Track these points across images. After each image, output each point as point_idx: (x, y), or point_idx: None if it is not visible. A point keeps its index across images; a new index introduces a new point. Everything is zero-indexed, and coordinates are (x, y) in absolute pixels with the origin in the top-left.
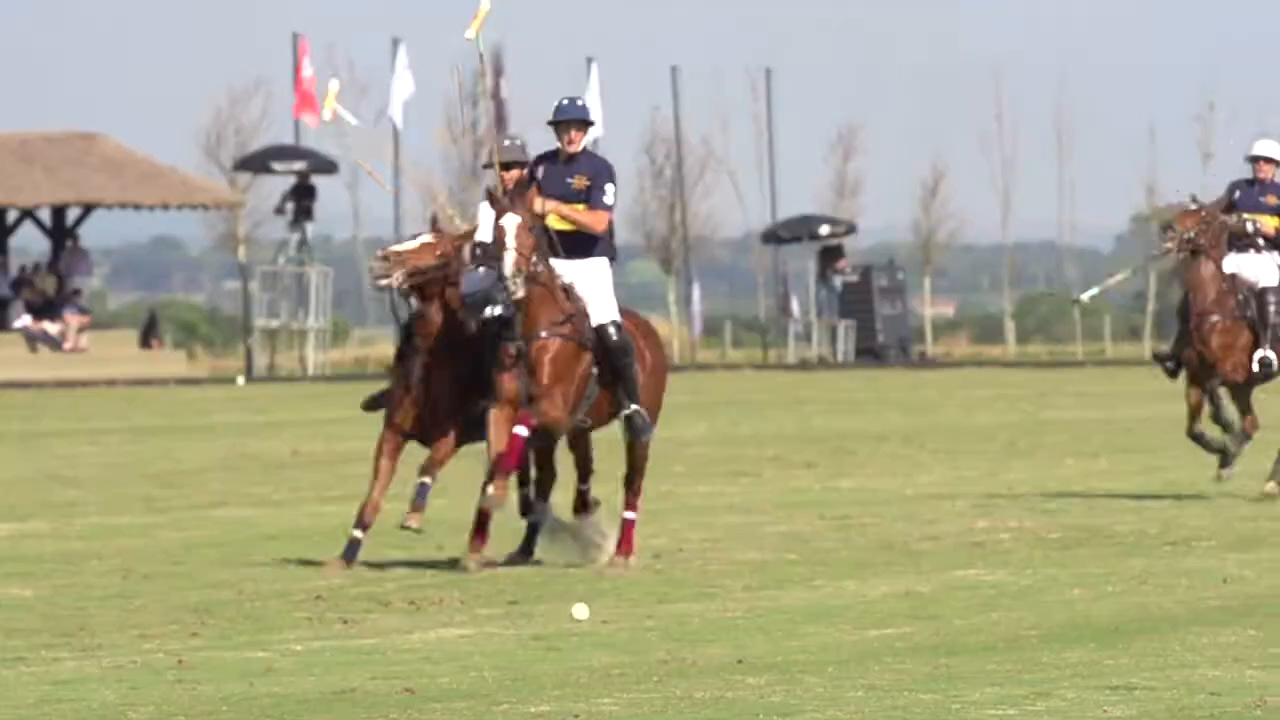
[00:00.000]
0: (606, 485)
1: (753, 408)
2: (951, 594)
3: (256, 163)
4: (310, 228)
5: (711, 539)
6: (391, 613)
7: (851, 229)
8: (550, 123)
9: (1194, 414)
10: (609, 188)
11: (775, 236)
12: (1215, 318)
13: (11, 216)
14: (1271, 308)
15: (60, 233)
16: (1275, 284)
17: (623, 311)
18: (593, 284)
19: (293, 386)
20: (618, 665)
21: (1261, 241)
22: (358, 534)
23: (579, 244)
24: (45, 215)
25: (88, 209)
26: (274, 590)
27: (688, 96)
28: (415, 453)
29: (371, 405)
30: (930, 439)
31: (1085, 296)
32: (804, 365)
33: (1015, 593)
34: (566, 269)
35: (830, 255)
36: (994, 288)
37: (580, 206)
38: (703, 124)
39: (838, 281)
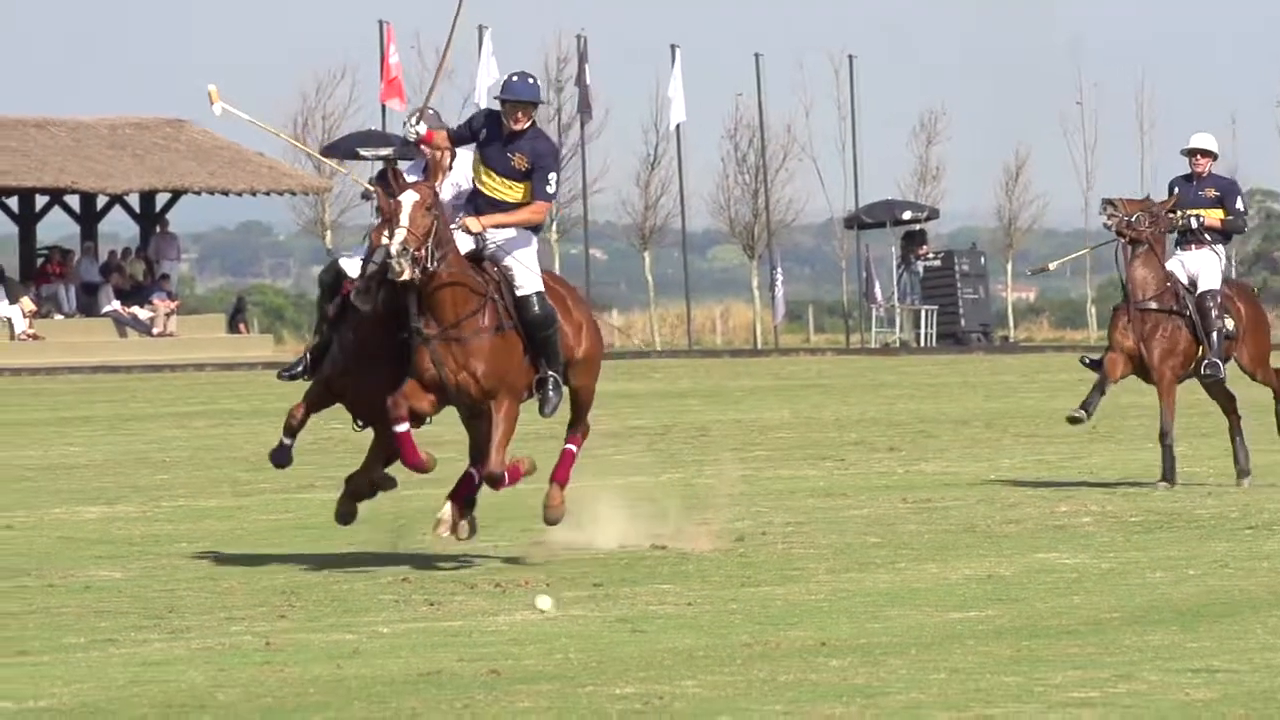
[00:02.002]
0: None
1: (835, 392)
2: (1033, 577)
3: (343, 148)
4: None
5: (794, 522)
6: (477, 595)
7: (934, 214)
8: (499, 99)
9: (1108, 379)
10: (552, 177)
11: (858, 222)
12: (1154, 306)
13: (101, 202)
14: (1213, 313)
15: (149, 218)
16: (1215, 286)
17: (552, 276)
18: (517, 253)
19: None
20: (701, 647)
21: (1207, 236)
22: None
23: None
24: (134, 201)
25: (176, 195)
26: (361, 572)
27: (771, 83)
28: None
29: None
30: (1012, 423)
31: (1053, 266)
32: (886, 350)
33: (1097, 576)
34: (496, 233)
35: (913, 240)
36: (1076, 272)
37: (519, 186)
38: (786, 110)
39: (920, 266)
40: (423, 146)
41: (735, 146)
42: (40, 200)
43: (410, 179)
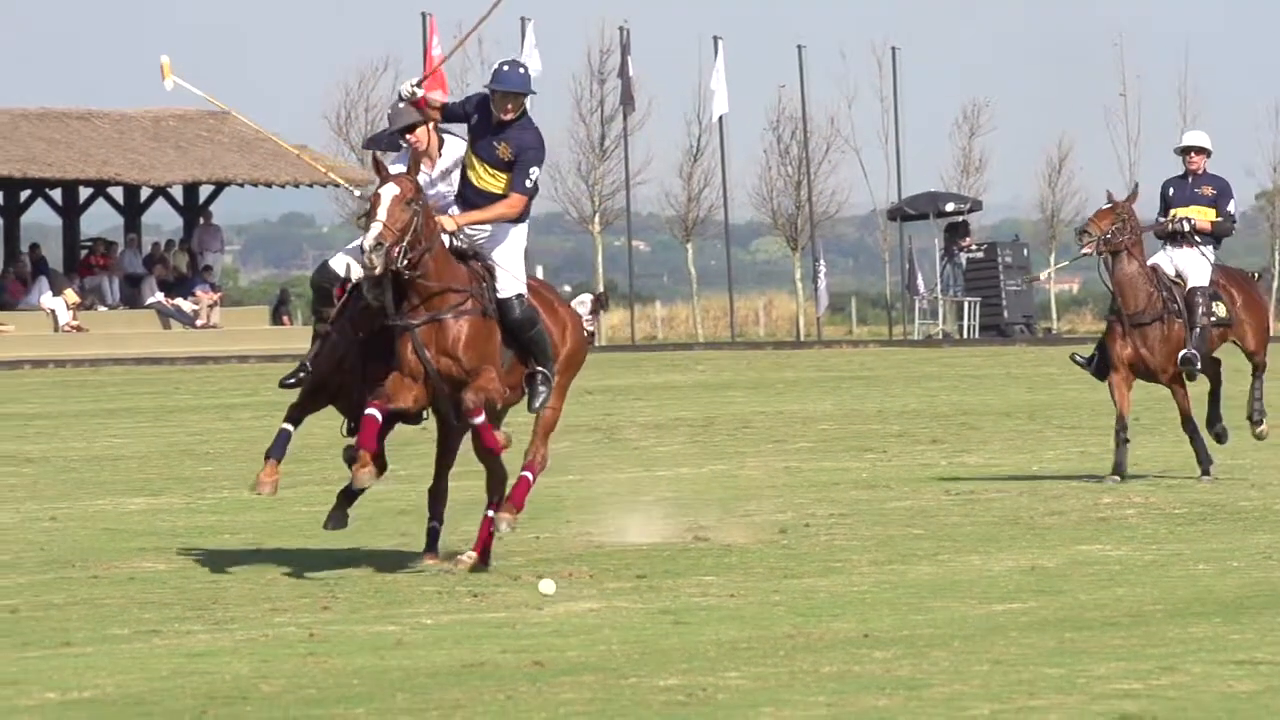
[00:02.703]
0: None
1: (878, 384)
2: (1076, 569)
3: (386, 141)
4: None
5: (837, 514)
6: (520, 586)
7: (977, 205)
8: (489, 88)
9: (1123, 414)
10: (533, 171)
11: (901, 213)
12: (1149, 318)
13: (145, 194)
14: (1200, 309)
15: (192, 210)
16: (1204, 283)
17: (540, 283)
18: (503, 251)
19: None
20: (744, 639)
21: (1198, 239)
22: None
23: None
24: (178, 193)
25: (219, 186)
26: (404, 564)
27: (814, 74)
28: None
29: None
30: (1055, 415)
31: (1043, 276)
32: (929, 341)
33: (1140, 568)
34: (479, 229)
35: (956, 232)
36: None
37: (503, 176)
38: (829, 101)
39: (963, 258)
40: (408, 137)
41: (778, 138)
42: (84, 192)
43: (395, 170)
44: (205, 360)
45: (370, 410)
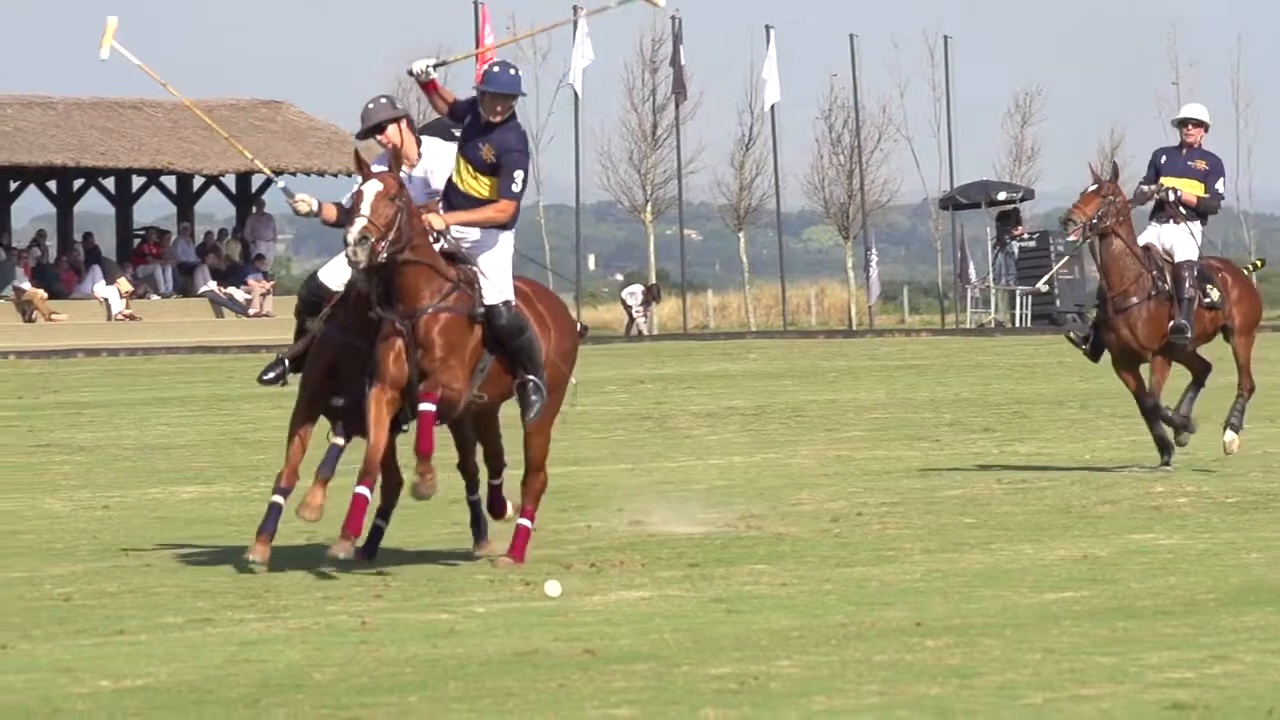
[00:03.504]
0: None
1: (930, 372)
2: (1129, 558)
3: (438, 129)
4: None
5: (889, 503)
6: (572, 575)
7: (1029, 194)
8: (478, 90)
9: (1139, 393)
10: (518, 175)
11: (953, 202)
12: (1134, 300)
13: (197, 183)
14: (1187, 282)
15: (245, 199)
16: (1193, 257)
17: (527, 281)
18: (489, 257)
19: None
20: (796, 628)
21: (1183, 210)
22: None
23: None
24: (230, 182)
25: (274, 173)
26: (456, 552)
27: (866, 63)
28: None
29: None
30: (1107, 404)
31: (1041, 284)
32: (981, 330)
33: (1193, 557)
34: (466, 234)
35: (1007, 220)
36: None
37: (485, 179)
38: (881, 90)
39: (1015, 247)
40: (378, 136)
41: (830, 127)
42: (137, 181)
43: (376, 169)
44: (258, 349)
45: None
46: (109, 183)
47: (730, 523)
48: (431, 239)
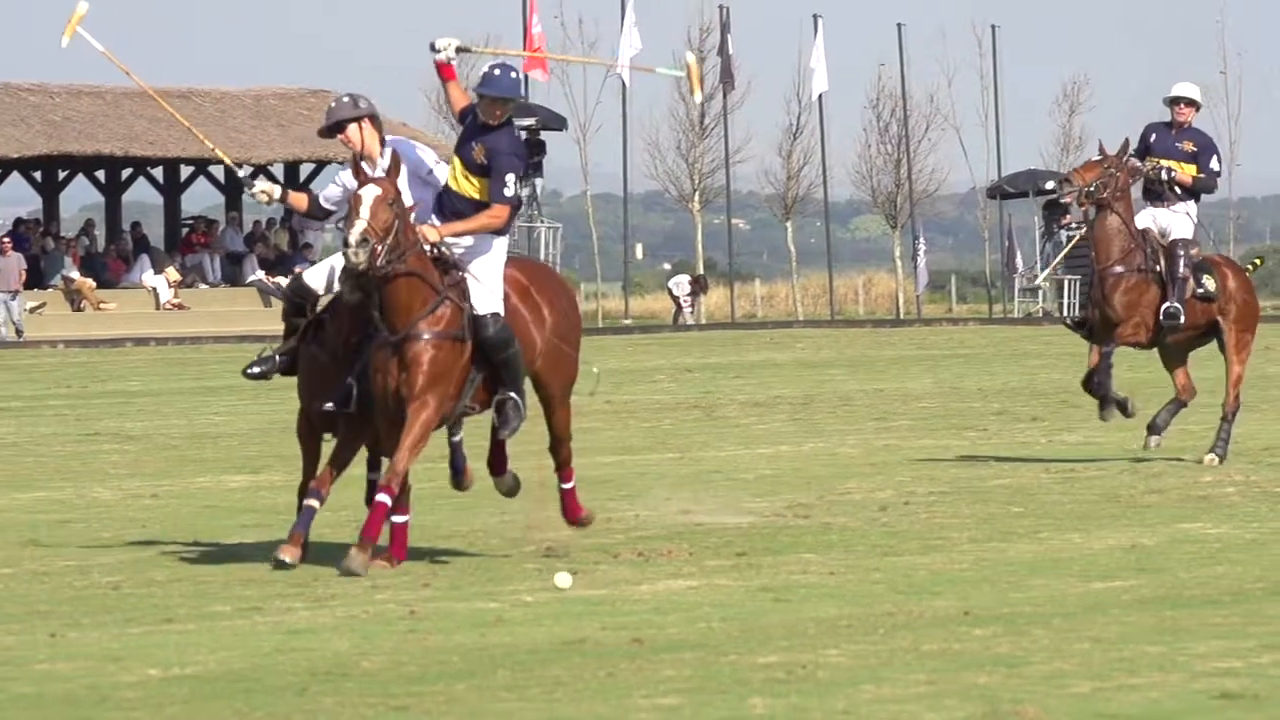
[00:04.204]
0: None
1: (978, 362)
2: (1177, 547)
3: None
4: (539, 183)
5: (937, 492)
6: (620, 564)
7: None
8: (476, 92)
9: (1097, 368)
10: (510, 179)
11: (1001, 191)
12: (1119, 269)
13: (245, 173)
14: (1180, 260)
15: (294, 188)
16: (1187, 235)
17: (521, 263)
18: (481, 264)
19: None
20: (844, 617)
21: (1178, 191)
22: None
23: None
24: (278, 171)
25: (320, 165)
26: (504, 541)
27: (914, 52)
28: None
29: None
30: (1156, 393)
31: (1040, 278)
32: (1029, 319)
33: (1241, 546)
34: (459, 240)
35: (1055, 210)
36: (1219, 242)
37: (476, 180)
38: (928, 79)
39: (1063, 236)
40: (339, 136)
41: (877, 116)
42: (185, 170)
43: (375, 174)
44: None
45: (381, 497)
46: (157, 172)
47: (778, 512)
48: (426, 249)
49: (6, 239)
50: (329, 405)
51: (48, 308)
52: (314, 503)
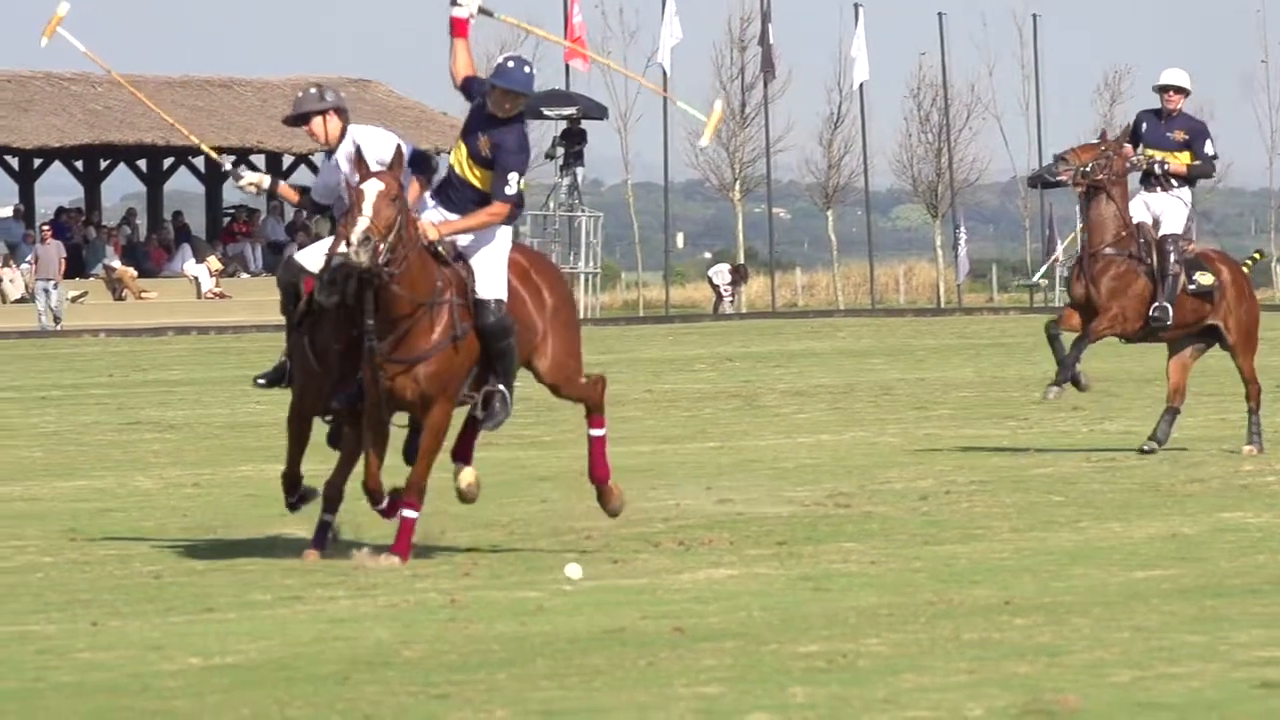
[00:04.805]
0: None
1: (1019, 351)
2: (1218, 536)
3: (527, 109)
4: (580, 172)
5: (978, 481)
6: (661, 553)
7: None
8: (491, 82)
9: (1066, 322)
10: (513, 176)
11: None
12: (1110, 252)
13: (287, 161)
14: (1171, 256)
15: None
16: (1179, 230)
17: (519, 247)
18: (485, 253)
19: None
20: (885, 606)
21: (1173, 182)
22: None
23: (480, 206)
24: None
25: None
26: (544, 530)
27: (954, 41)
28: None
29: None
30: (1195, 382)
31: (1037, 277)
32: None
33: None
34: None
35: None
36: (1261, 231)
37: (479, 172)
38: (969, 68)
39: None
40: (308, 128)
41: (918, 105)
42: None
43: (376, 168)
44: None
45: (408, 513)
46: (199, 161)
47: (818, 501)
48: (424, 244)
49: (46, 228)
50: (335, 404)
51: (89, 297)
52: (329, 518)
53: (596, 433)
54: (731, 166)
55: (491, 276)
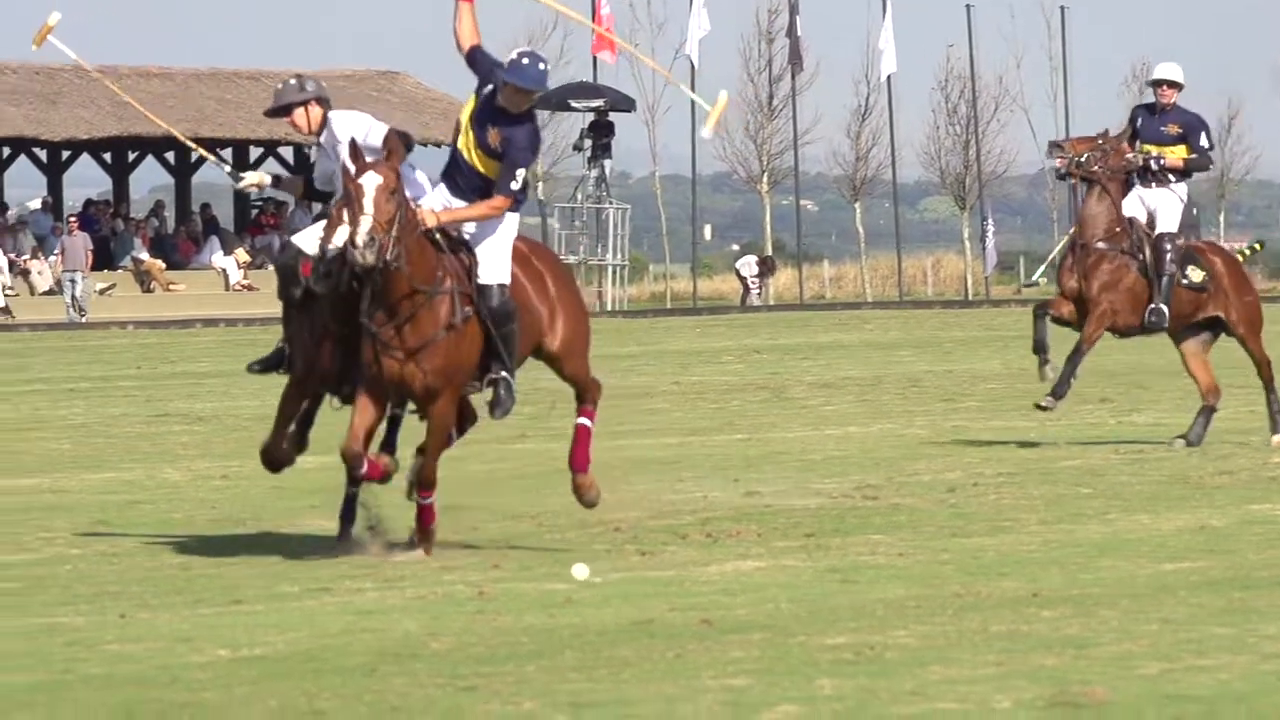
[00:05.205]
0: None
1: None
2: (1246, 528)
3: (555, 100)
4: (608, 165)
5: (1005, 473)
6: (689, 545)
7: None
8: (504, 79)
9: (1056, 307)
10: (520, 173)
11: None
12: (1103, 245)
13: (314, 154)
14: (1168, 255)
15: None
16: (1174, 228)
17: (532, 247)
18: (493, 240)
19: (591, 321)
20: (912, 598)
21: (1170, 177)
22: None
23: (488, 192)
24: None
25: None
26: (572, 522)
27: (982, 33)
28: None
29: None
30: (1225, 374)
31: (1036, 276)
32: None
33: None
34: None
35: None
36: None
37: (489, 162)
38: (997, 60)
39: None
40: (289, 119)
41: (946, 98)
42: (254, 152)
43: (372, 160)
44: None
45: (362, 471)
46: (226, 153)
47: (846, 493)
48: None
49: (73, 219)
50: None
51: (117, 289)
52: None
53: (585, 421)
54: (759, 159)
55: (495, 261)
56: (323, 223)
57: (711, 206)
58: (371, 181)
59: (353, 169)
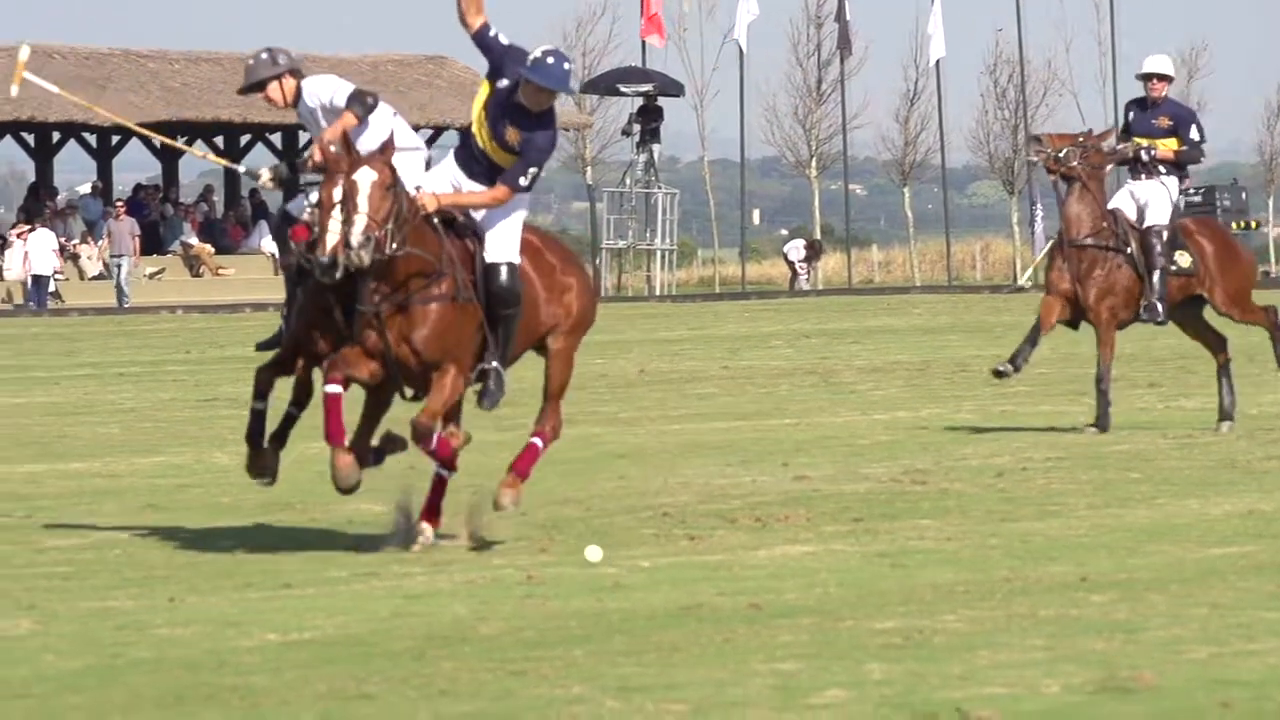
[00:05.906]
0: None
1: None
2: None
3: (604, 85)
4: (657, 149)
5: (1054, 458)
6: (738, 529)
7: None
8: (525, 77)
9: (1046, 323)
10: (532, 171)
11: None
12: (1087, 241)
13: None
14: (1156, 248)
15: None
16: (1164, 221)
17: (545, 238)
18: (499, 222)
19: (639, 306)
20: (961, 582)
21: (1161, 169)
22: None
23: (495, 176)
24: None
25: (438, 131)
26: (621, 507)
27: (1031, 17)
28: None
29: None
30: (1273, 358)
31: (1023, 279)
32: None
33: None
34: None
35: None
36: None
37: (507, 157)
38: (1046, 45)
39: (1181, 201)
40: (265, 94)
41: (995, 82)
42: (303, 136)
43: (367, 153)
44: None
45: (331, 387)
46: (275, 138)
47: (895, 477)
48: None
49: (120, 204)
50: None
51: (166, 273)
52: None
53: (537, 442)
54: (808, 143)
55: (503, 240)
56: (315, 193)
57: (760, 191)
58: (366, 177)
59: (345, 163)
